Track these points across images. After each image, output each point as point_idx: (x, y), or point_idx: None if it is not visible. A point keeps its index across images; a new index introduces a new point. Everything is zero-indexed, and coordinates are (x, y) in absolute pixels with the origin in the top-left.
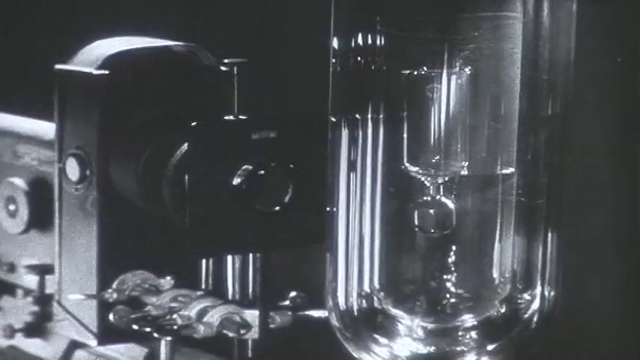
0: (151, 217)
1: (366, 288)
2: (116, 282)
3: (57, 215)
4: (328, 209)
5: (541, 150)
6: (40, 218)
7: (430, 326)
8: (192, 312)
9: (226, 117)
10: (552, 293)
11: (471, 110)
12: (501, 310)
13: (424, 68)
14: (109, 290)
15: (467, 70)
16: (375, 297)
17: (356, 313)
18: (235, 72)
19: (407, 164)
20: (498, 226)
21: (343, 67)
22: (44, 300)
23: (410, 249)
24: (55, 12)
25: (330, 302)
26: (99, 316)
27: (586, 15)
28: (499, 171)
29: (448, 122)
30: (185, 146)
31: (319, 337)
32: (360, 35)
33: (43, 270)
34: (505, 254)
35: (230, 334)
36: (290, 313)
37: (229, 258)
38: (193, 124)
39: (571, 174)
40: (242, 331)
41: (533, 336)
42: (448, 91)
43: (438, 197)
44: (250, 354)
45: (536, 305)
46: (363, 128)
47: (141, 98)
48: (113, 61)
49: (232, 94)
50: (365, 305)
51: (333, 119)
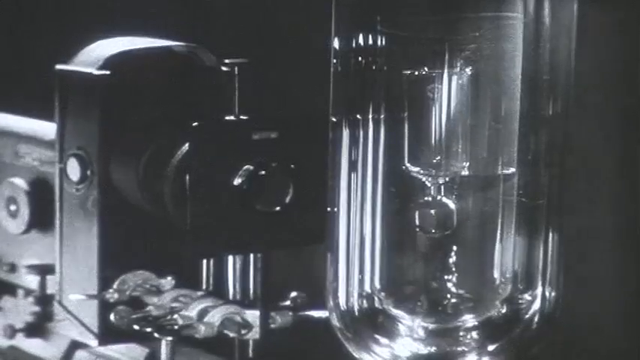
0: (152, 218)
1: (367, 288)
2: (117, 282)
3: (58, 215)
4: (329, 209)
5: (542, 150)
6: (41, 218)
7: (431, 326)
8: (193, 312)
9: (227, 117)
10: (553, 293)
11: (472, 110)
12: (502, 311)
13: (425, 68)
14: (110, 290)
15: (468, 71)
16: (376, 297)
17: (357, 314)
18: (236, 72)
19: (408, 164)
20: (499, 227)
21: (344, 68)
22: (45, 300)
23: (411, 249)
24: (56, 12)
25: (331, 302)
26: (100, 317)
27: (587, 15)
28: (500, 171)
29: (449, 122)
30: (186, 146)
31: (320, 338)
32: (361, 35)
33: (44, 270)
34: (506, 254)
35: (231, 335)
36: (291, 314)
37: (230, 258)
38: (194, 125)
39: (571, 174)
40: (243, 332)
41: (534, 336)
42: (449, 92)
43: (439, 197)
44: (251, 354)
45: (537, 305)
46: (364, 128)
47: (142, 98)
48: (114, 62)
49: (233, 95)
50: (366, 305)
51: (334, 119)
